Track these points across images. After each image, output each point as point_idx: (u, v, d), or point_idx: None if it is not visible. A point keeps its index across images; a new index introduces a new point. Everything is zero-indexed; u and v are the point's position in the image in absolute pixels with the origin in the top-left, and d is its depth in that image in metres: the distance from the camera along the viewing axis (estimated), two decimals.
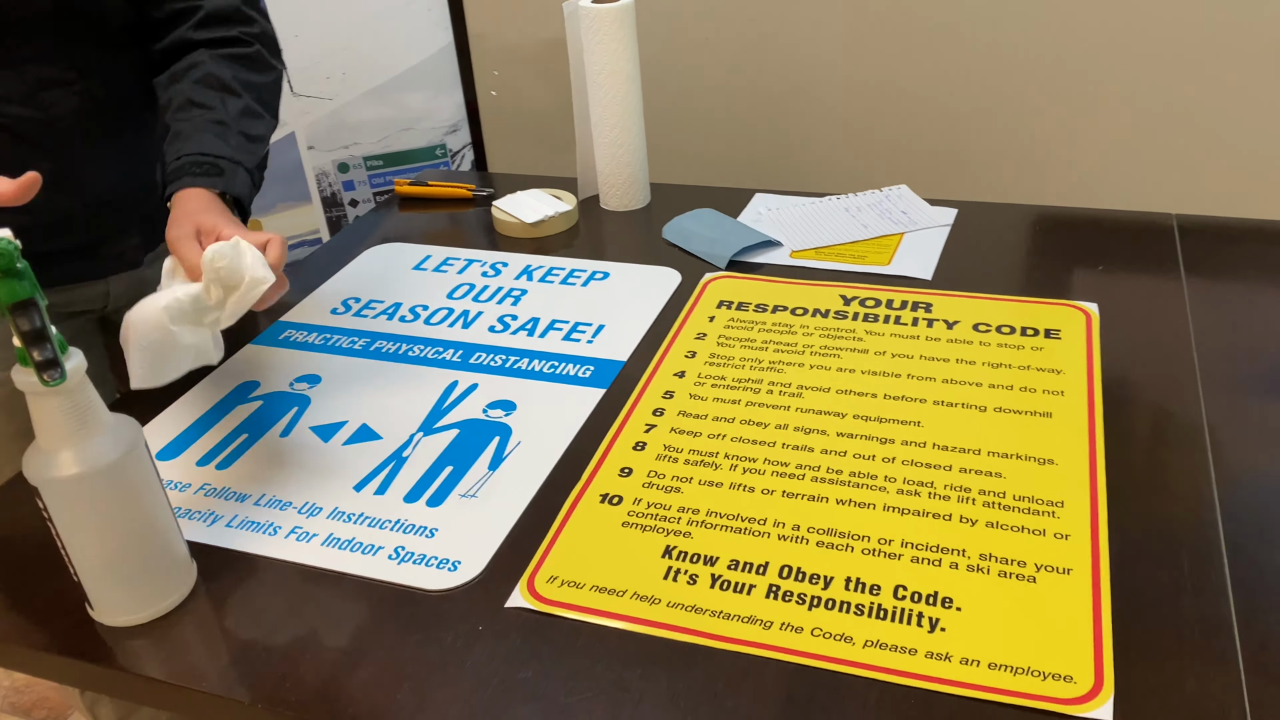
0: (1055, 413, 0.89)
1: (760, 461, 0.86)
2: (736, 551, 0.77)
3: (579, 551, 0.78)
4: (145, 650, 0.73)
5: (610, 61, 1.26)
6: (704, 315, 1.08)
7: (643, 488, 0.84)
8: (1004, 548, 0.75)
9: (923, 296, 1.08)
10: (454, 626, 0.73)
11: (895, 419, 0.90)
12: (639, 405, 0.94)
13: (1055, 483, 0.81)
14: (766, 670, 0.68)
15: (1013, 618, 0.70)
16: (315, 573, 0.79)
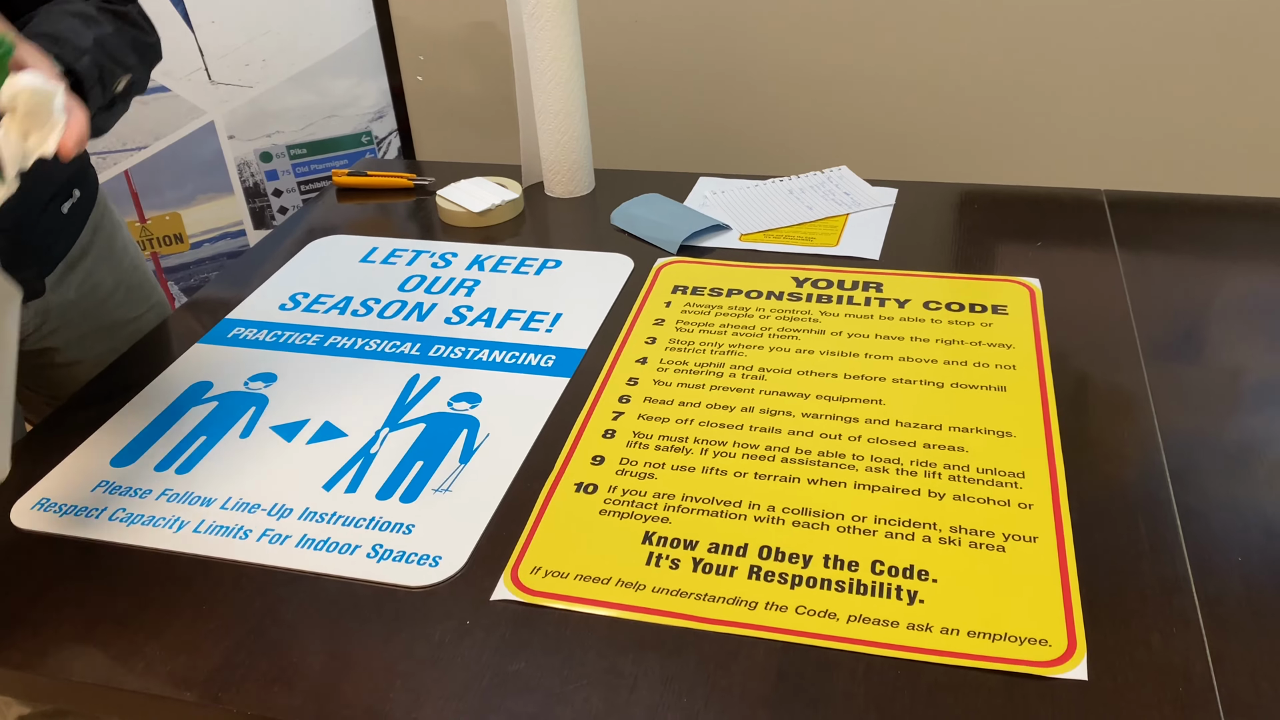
0: (1009, 386, 0.92)
1: (730, 445, 0.88)
2: (715, 535, 0.79)
3: (559, 541, 0.79)
4: (122, 660, 0.71)
5: (553, 47, 1.25)
6: (660, 300, 1.08)
7: (616, 475, 0.85)
8: (972, 519, 0.78)
9: (873, 276, 1.10)
10: (441, 622, 0.73)
11: (857, 398, 0.92)
12: (604, 393, 0.95)
13: (1015, 454, 0.84)
14: (756, 650, 0.70)
15: (986, 587, 0.73)
16: (292, 575, 0.78)
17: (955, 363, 0.96)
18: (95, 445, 0.93)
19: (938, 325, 1.01)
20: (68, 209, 1.10)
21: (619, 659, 0.70)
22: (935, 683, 0.67)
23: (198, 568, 0.79)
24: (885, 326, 1.01)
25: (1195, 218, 1.22)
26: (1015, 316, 1.02)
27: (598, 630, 0.72)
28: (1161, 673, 0.66)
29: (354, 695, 0.68)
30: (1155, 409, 0.89)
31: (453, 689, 0.68)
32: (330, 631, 0.73)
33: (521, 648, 0.71)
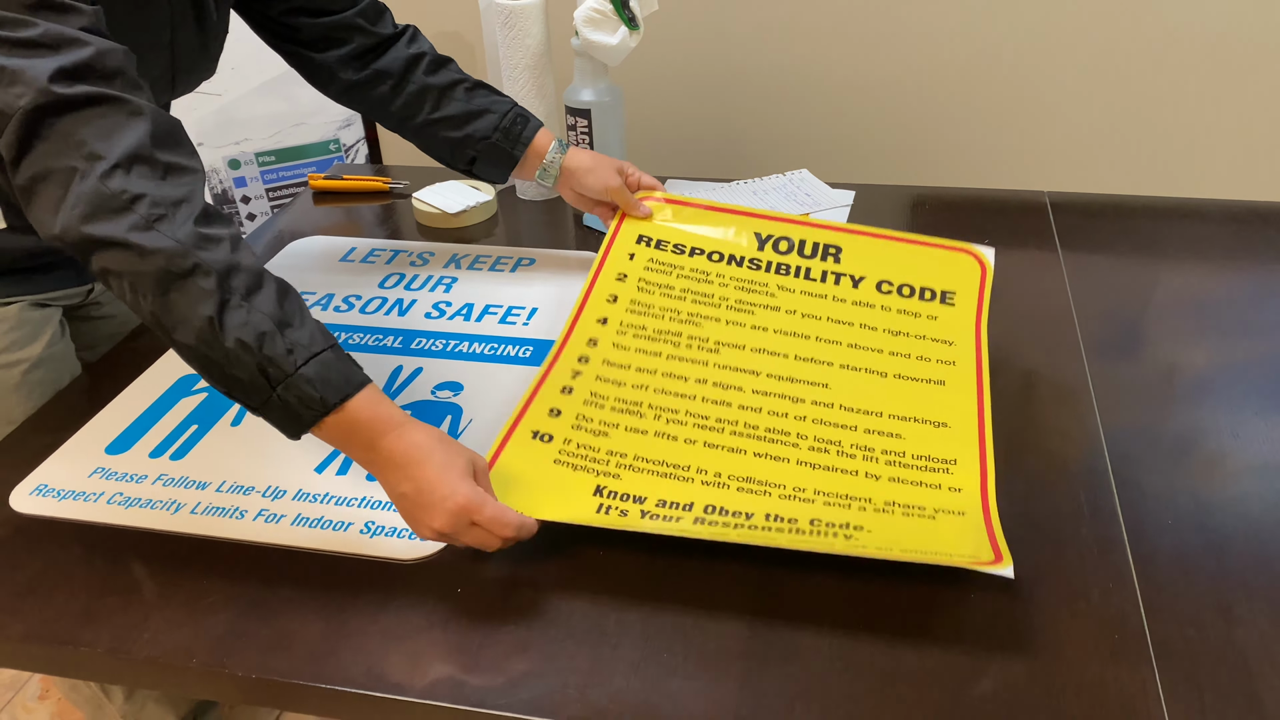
0: (948, 381, 0.97)
1: (682, 413, 0.92)
2: (663, 493, 0.83)
3: (514, 485, 0.83)
4: (130, 630, 0.75)
5: (524, 55, 1.30)
6: (624, 253, 1.10)
7: (572, 429, 0.90)
8: (905, 497, 0.84)
9: (833, 238, 1.11)
10: (433, 590, 0.78)
11: (805, 380, 0.96)
12: (565, 350, 0.98)
13: (948, 443, 0.89)
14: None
15: (918, 543, 0.78)
16: (288, 552, 0.82)
17: (900, 354, 1.00)
18: (90, 434, 0.96)
19: (887, 313, 1.05)
20: None
21: (602, 620, 0.74)
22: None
23: (196, 547, 0.83)
24: (837, 309, 1.04)
25: (1133, 218, 1.29)
26: (961, 306, 1.05)
27: (582, 594, 0.77)
28: (1101, 622, 0.73)
29: (352, 659, 0.72)
30: (1095, 396, 0.96)
31: (447, 651, 0.73)
32: (327, 602, 0.77)
33: (509, 614, 0.75)
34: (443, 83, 1.11)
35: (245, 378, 0.73)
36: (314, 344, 0.75)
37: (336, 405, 0.75)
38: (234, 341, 0.72)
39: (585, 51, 1.27)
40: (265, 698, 0.73)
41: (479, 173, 1.14)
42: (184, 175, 0.76)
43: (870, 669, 0.70)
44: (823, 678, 0.69)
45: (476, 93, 1.11)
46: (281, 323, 0.74)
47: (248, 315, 0.73)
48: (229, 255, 0.74)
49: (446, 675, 0.71)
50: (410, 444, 0.76)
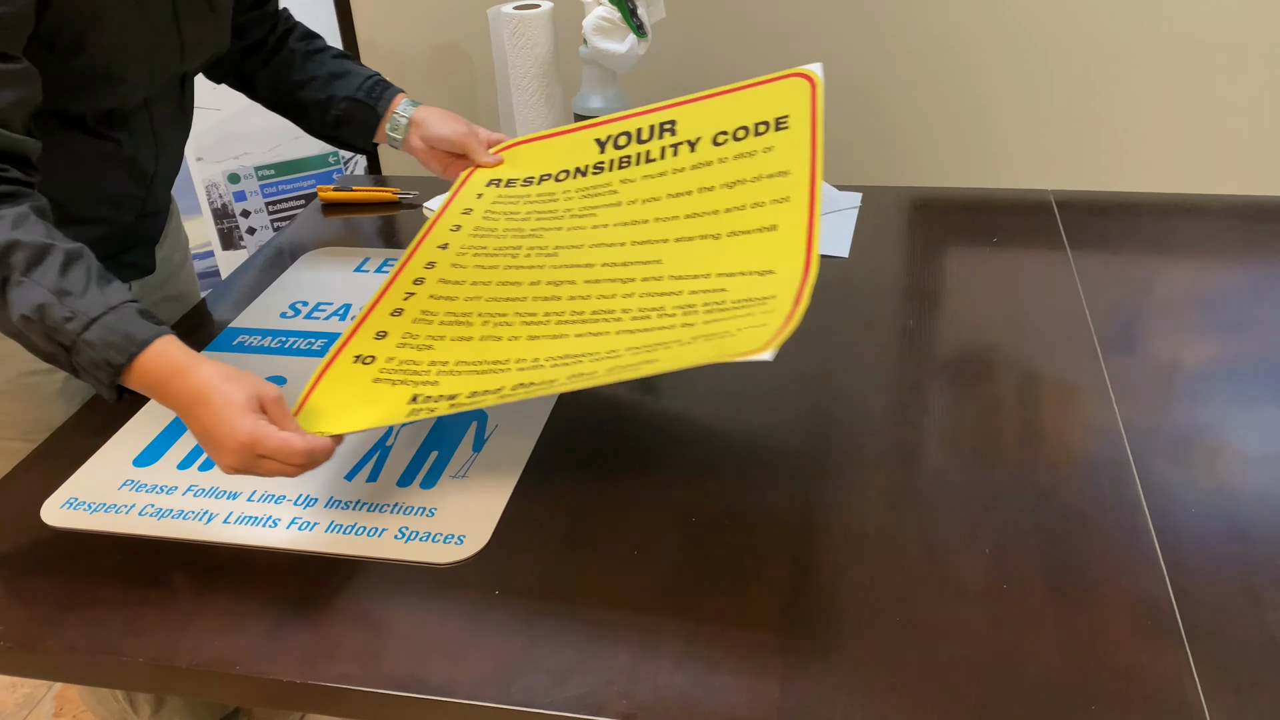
0: (780, 224, 0.91)
1: (510, 315, 0.91)
2: (476, 386, 0.83)
3: (326, 409, 0.83)
4: (171, 640, 0.75)
5: (533, 64, 1.31)
6: (472, 193, 1.10)
7: (397, 347, 0.90)
8: (715, 330, 0.81)
9: (666, 114, 1.09)
10: (471, 592, 0.78)
11: (638, 261, 0.94)
12: (400, 277, 0.98)
13: (771, 285, 0.84)
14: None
15: (706, 351, 0.77)
16: (324, 559, 0.82)
17: (735, 208, 0.95)
18: (116, 447, 0.97)
19: (724, 165, 1.00)
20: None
21: (640, 618, 0.75)
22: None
23: (230, 556, 0.83)
24: (677, 182, 1.01)
25: (1137, 215, 1.31)
26: (795, 128, 0.99)
27: (619, 593, 0.78)
28: (1132, 609, 0.74)
29: (395, 662, 0.73)
30: (1112, 390, 0.98)
31: (490, 652, 0.73)
32: (366, 607, 0.78)
33: (549, 614, 0.76)
34: (310, 49, 1.15)
35: (45, 349, 0.78)
36: (92, 309, 0.77)
37: (124, 365, 0.77)
38: (19, 317, 0.76)
39: (594, 59, 1.28)
40: (310, 703, 0.73)
41: (344, 137, 1.16)
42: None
43: (909, 661, 0.71)
44: (863, 671, 0.70)
45: (342, 59, 1.15)
46: (61, 292, 0.76)
47: (27, 290, 0.76)
48: (8, 233, 0.76)
49: (491, 675, 0.72)
50: (193, 385, 0.78)
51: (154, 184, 1.04)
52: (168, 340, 0.80)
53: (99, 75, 0.90)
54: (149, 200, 1.05)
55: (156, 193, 1.07)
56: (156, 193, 1.07)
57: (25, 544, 0.86)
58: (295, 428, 0.79)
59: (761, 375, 1.02)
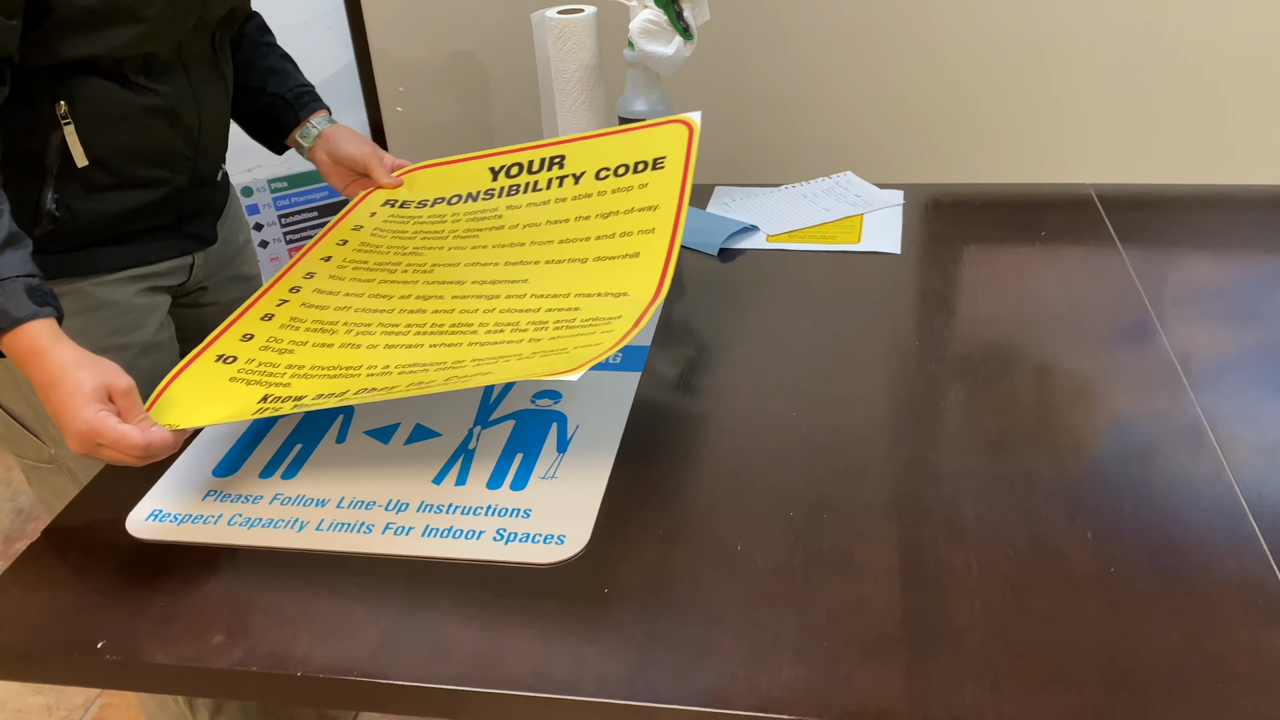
0: (643, 252, 0.97)
1: (373, 325, 0.95)
2: (322, 388, 0.86)
3: (178, 402, 0.87)
4: (281, 648, 0.75)
5: (578, 68, 1.32)
6: (366, 211, 1.15)
7: (260, 350, 0.93)
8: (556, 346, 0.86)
9: (557, 150, 1.16)
10: (581, 592, 0.78)
11: (506, 280, 0.99)
12: (278, 284, 1.02)
13: (621, 306, 0.90)
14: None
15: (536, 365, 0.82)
16: (424, 562, 0.82)
17: (604, 236, 1.01)
18: (193, 457, 0.96)
19: (603, 197, 1.06)
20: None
21: (754, 612, 0.75)
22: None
23: (328, 562, 0.83)
24: (558, 211, 1.07)
25: (1178, 208, 1.33)
26: (670, 168, 1.05)
27: (728, 588, 0.78)
28: (1239, 588, 0.75)
29: (515, 661, 0.73)
30: (1186, 379, 0.99)
31: (609, 649, 0.73)
32: (476, 609, 0.77)
33: (661, 611, 0.76)
34: (260, 41, 1.19)
35: None
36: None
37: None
38: None
39: (639, 62, 1.29)
40: (430, 706, 0.73)
41: (259, 129, 1.20)
42: None
43: (1029, 646, 0.71)
44: (986, 658, 0.71)
45: (285, 61, 1.20)
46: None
47: None
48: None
49: (614, 673, 0.71)
50: (48, 368, 0.81)
51: (201, 142, 1.06)
52: (41, 323, 0.82)
53: (116, 12, 0.91)
54: (200, 162, 1.07)
55: (208, 154, 1.08)
56: (208, 154, 1.08)
57: (114, 557, 0.85)
58: (141, 419, 0.82)
59: (840, 368, 1.02)
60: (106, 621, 0.79)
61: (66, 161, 0.96)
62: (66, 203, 0.98)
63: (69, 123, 0.93)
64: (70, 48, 0.90)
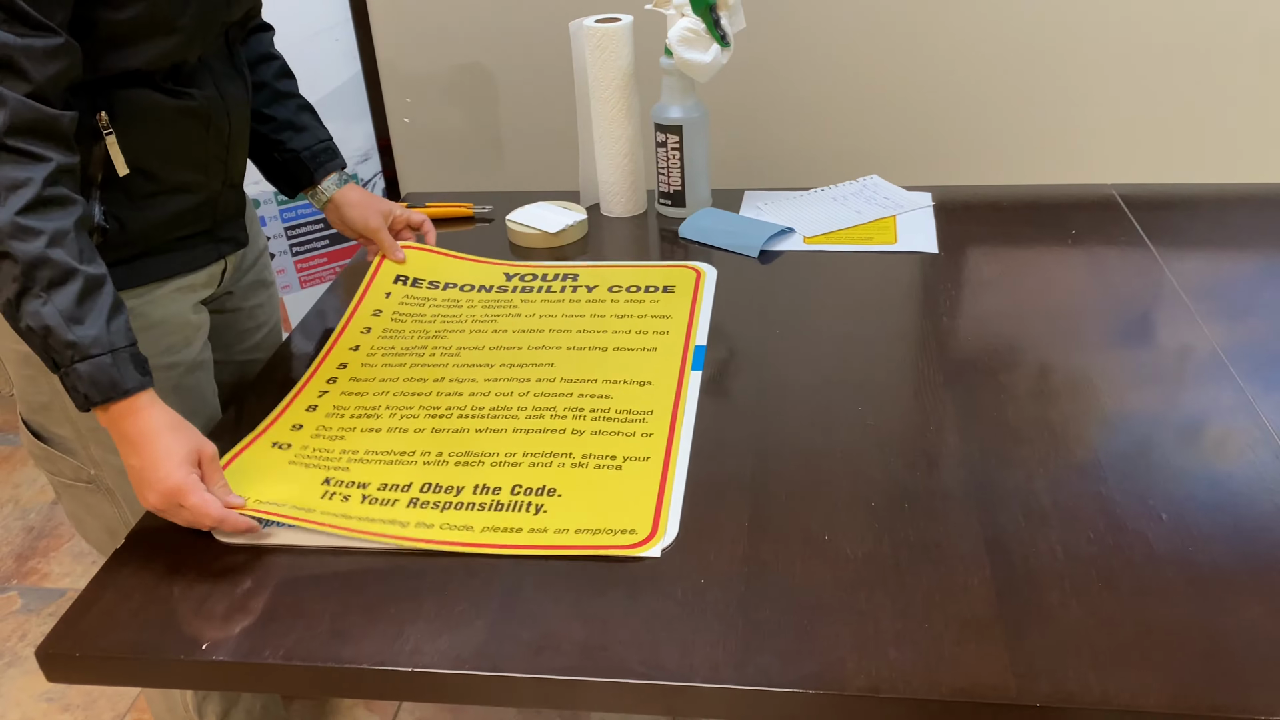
0: (659, 347, 1.09)
1: (415, 408, 1.01)
2: (385, 477, 0.92)
3: (247, 477, 0.90)
4: (388, 644, 0.76)
5: (615, 76, 1.34)
6: (380, 291, 1.22)
7: (311, 438, 0.98)
8: (602, 448, 0.94)
9: (570, 269, 1.27)
10: (677, 583, 0.80)
11: (533, 363, 1.07)
12: (315, 376, 1.08)
13: (650, 397, 1.01)
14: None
15: (598, 496, 0.88)
16: (516, 556, 0.83)
17: (621, 331, 1.12)
18: None
19: (615, 304, 1.18)
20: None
21: (851, 597, 0.77)
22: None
23: (424, 560, 0.84)
24: (572, 308, 1.18)
25: (1201, 207, 1.37)
26: (679, 294, 1.19)
27: (822, 573, 0.80)
28: None
29: (624, 652, 0.74)
30: (1235, 372, 1.03)
31: (714, 637, 0.75)
32: (576, 601, 0.79)
33: (759, 599, 0.78)
34: (280, 89, 1.20)
35: (37, 354, 0.85)
36: (94, 346, 0.83)
37: (99, 404, 0.85)
38: (24, 326, 0.83)
39: (677, 70, 1.31)
40: (541, 697, 0.74)
41: (274, 178, 1.23)
42: (32, 163, 0.83)
43: (1123, 623, 0.74)
44: (1083, 635, 0.73)
45: (304, 113, 1.21)
46: (72, 319, 0.83)
47: (41, 306, 0.82)
48: (41, 250, 0.82)
49: (722, 660, 0.73)
50: (142, 425, 0.85)
51: (231, 143, 1.07)
52: (144, 394, 0.86)
53: (154, 24, 0.92)
54: (230, 164, 1.08)
55: (236, 155, 1.09)
56: (236, 155, 1.09)
57: (203, 558, 0.85)
58: (221, 485, 0.87)
59: (897, 363, 1.05)
60: (207, 622, 0.79)
61: (109, 172, 0.96)
62: (115, 213, 0.98)
63: (110, 132, 0.94)
64: (112, 62, 0.91)
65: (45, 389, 1.01)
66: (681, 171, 1.37)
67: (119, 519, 1.08)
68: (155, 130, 0.98)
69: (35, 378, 1.01)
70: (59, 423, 1.04)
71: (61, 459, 1.06)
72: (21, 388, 1.04)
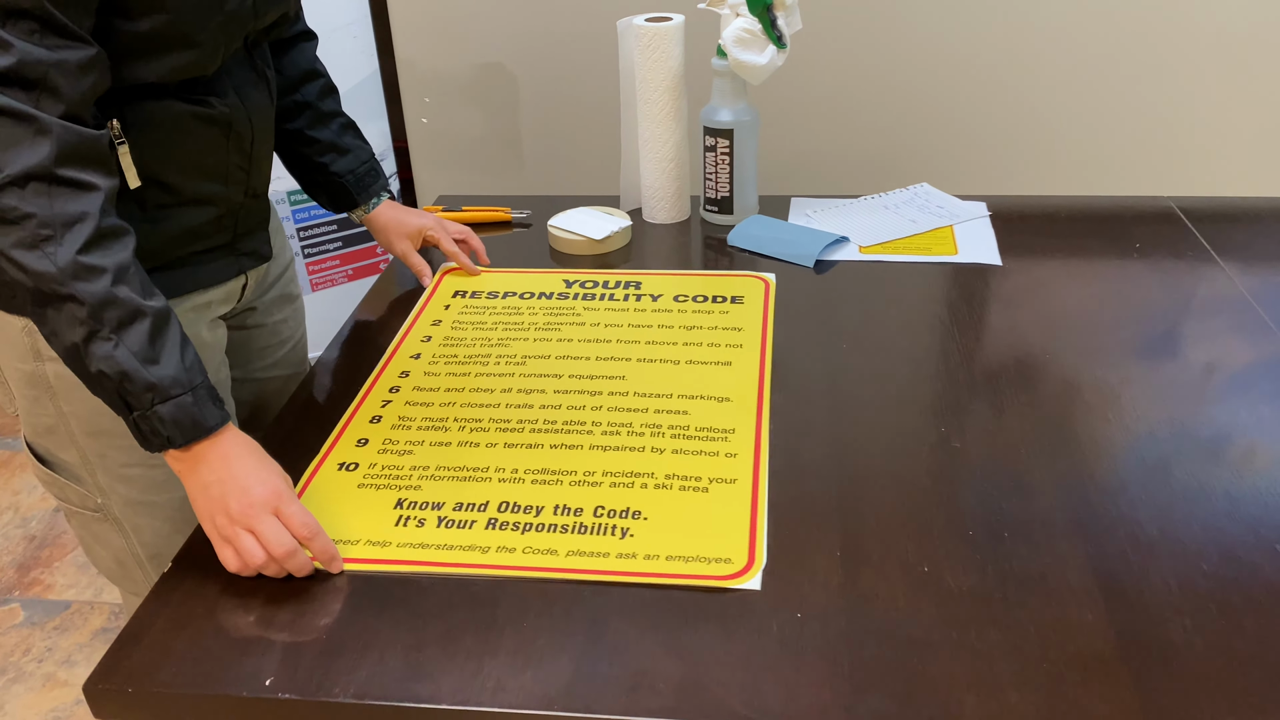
0: (734, 361, 1.05)
1: (485, 420, 0.97)
2: (460, 496, 0.87)
3: (316, 513, 0.83)
4: (468, 681, 0.70)
5: (665, 77, 1.29)
6: (440, 304, 1.18)
7: (378, 454, 0.93)
8: (685, 468, 0.90)
9: (633, 276, 1.23)
10: (773, 618, 0.75)
11: (604, 375, 1.03)
12: (376, 385, 1.03)
13: (729, 414, 0.97)
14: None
15: (687, 520, 0.84)
16: (598, 586, 0.78)
17: (692, 344, 1.08)
18: None
19: (683, 314, 1.14)
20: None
21: (960, 632, 0.73)
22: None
23: (498, 585, 0.79)
24: (638, 317, 1.14)
25: (1263, 220, 1.34)
26: (749, 305, 1.15)
27: (922, 608, 0.75)
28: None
29: (724, 692, 0.69)
30: None
31: (819, 675, 0.70)
32: (666, 635, 0.74)
33: (862, 635, 0.73)
34: (324, 109, 1.15)
35: (106, 398, 0.80)
36: (174, 387, 0.79)
37: (182, 445, 0.80)
38: (96, 370, 0.78)
39: (730, 71, 1.27)
40: None
41: (313, 193, 1.20)
42: (84, 193, 0.78)
43: (1255, 663, 0.70)
44: (1214, 676, 0.69)
45: (347, 133, 1.18)
46: (147, 360, 0.78)
47: (114, 349, 0.77)
48: (107, 289, 0.77)
49: (831, 701, 0.68)
50: (229, 444, 0.82)
51: (254, 152, 1.00)
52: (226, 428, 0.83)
53: (173, 37, 0.86)
54: (253, 174, 1.01)
55: (259, 164, 1.03)
56: (259, 164, 1.03)
57: (263, 583, 0.80)
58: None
59: (975, 380, 1.01)
60: (270, 656, 0.74)
61: (121, 183, 0.90)
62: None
63: (123, 142, 0.87)
64: (128, 72, 0.84)
65: (50, 411, 0.95)
66: (731, 177, 1.33)
67: (127, 550, 1.02)
68: (171, 139, 0.91)
69: (40, 399, 0.94)
70: (64, 447, 0.97)
71: (68, 485, 0.99)
72: (26, 409, 0.97)
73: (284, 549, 0.78)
